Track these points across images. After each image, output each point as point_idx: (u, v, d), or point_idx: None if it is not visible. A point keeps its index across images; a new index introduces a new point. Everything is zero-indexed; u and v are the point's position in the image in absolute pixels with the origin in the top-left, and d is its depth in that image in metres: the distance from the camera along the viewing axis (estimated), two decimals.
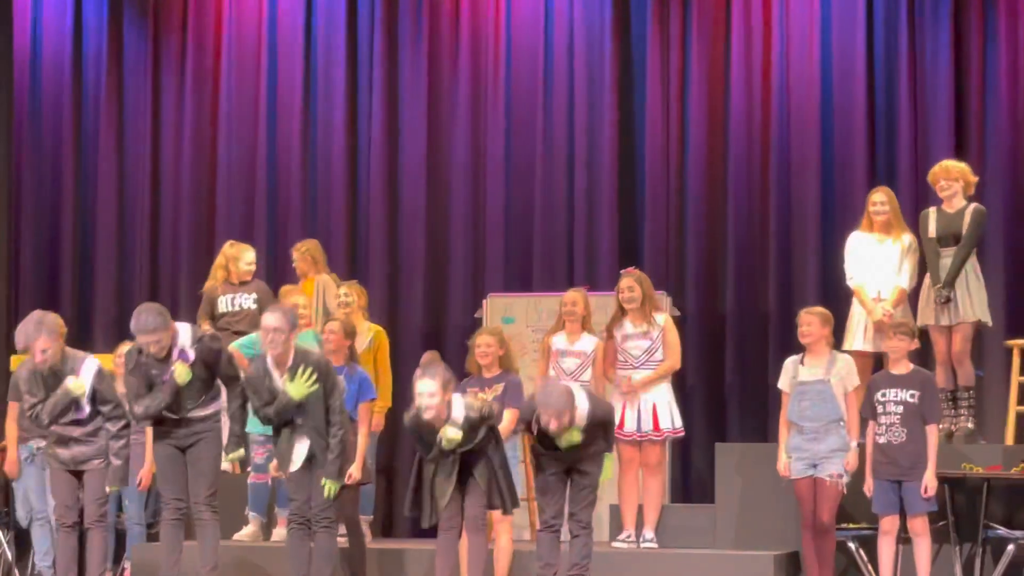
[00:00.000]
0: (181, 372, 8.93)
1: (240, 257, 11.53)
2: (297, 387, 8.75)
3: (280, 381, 8.85)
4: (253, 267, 11.55)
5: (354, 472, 9.33)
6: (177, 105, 13.95)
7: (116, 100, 14.03)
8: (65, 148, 14.06)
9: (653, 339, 10.11)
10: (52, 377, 9.23)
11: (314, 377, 8.76)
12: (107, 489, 9.39)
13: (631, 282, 10.18)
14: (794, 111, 12.57)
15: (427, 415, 8.56)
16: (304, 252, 11.67)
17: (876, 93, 12.45)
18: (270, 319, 8.88)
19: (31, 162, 14.10)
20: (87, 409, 9.25)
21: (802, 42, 12.57)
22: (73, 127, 14.08)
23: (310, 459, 8.88)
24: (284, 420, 8.90)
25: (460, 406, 8.66)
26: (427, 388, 8.57)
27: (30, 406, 9.25)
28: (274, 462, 9.54)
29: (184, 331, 9.13)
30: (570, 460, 8.71)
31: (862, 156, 12.36)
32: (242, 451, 9.27)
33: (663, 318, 10.26)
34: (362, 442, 9.46)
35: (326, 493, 8.80)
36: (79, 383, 9.17)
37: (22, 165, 14.06)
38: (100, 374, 9.32)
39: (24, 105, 14.06)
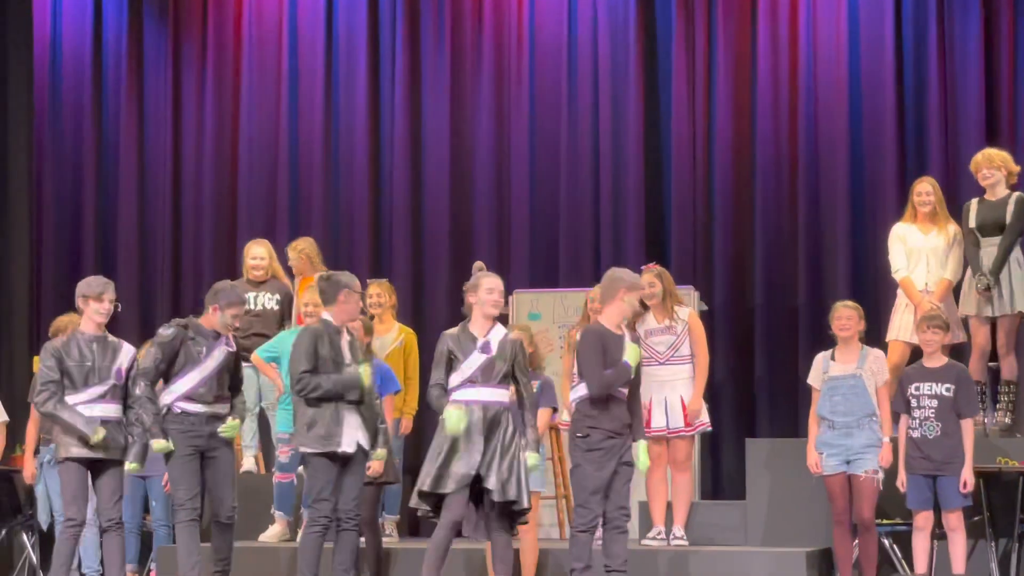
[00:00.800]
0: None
1: (247, 252, 11.53)
2: (368, 372, 8.83)
3: (347, 349, 8.87)
4: (259, 262, 11.41)
5: (375, 467, 9.23)
6: (197, 103, 13.93)
7: (136, 98, 14.00)
8: (86, 147, 14.03)
9: (677, 334, 10.00)
10: (100, 344, 9.28)
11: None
12: (127, 465, 9.30)
13: (651, 278, 10.06)
14: (822, 103, 12.51)
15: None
16: (300, 251, 11.54)
17: (905, 83, 12.37)
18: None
19: (52, 161, 14.09)
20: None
21: (830, 32, 12.50)
22: (93, 126, 14.04)
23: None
24: (331, 396, 8.79)
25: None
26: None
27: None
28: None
29: None
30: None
31: (891, 147, 12.27)
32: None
33: (686, 312, 10.16)
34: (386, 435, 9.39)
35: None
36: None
37: (43, 164, 14.04)
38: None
39: (45, 104, 14.03)
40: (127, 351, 9.41)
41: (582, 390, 8.67)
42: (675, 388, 9.85)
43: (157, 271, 13.81)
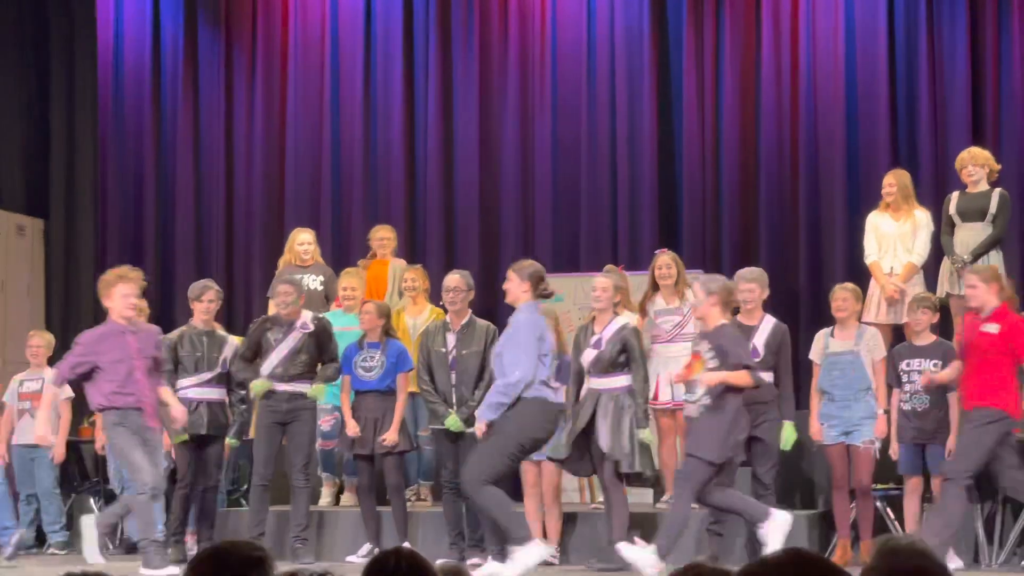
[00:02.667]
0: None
1: (294, 239, 11.64)
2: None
3: (453, 340, 9.44)
4: (306, 247, 11.53)
5: (390, 437, 9.59)
6: (248, 101, 14.02)
7: (192, 97, 14.11)
8: (146, 141, 14.14)
9: (684, 315, 10.06)
10: (208, 337, 10.04)
11: None
12: (227, 440, 10.09)
13: (669, 260, 10.19)
14: (820, 99, 12.53)
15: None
16: (383, 239, 11.73)
17: (897, 81, 12.39)
18: (454, 277, 9.63)
19: (115, 155, 14.18)
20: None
21: (827, 34, 12.53)
22: (153, 122, 14.15)
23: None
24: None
25: None
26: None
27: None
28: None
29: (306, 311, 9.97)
30: None
31: (885, 141, 12.31)
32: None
33: (691, 294, 10.23)
34: (400, 410, 9.72)
35: None
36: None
37: (107, 158, 14.14)
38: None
39: (108, 102, 14.14)
40: (231, 343, 10.07)
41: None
42: (680, 364, 9.60)
43: (212, 256, 13.94)
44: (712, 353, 8.52)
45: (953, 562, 9.12)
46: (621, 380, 9.09)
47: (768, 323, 9.36)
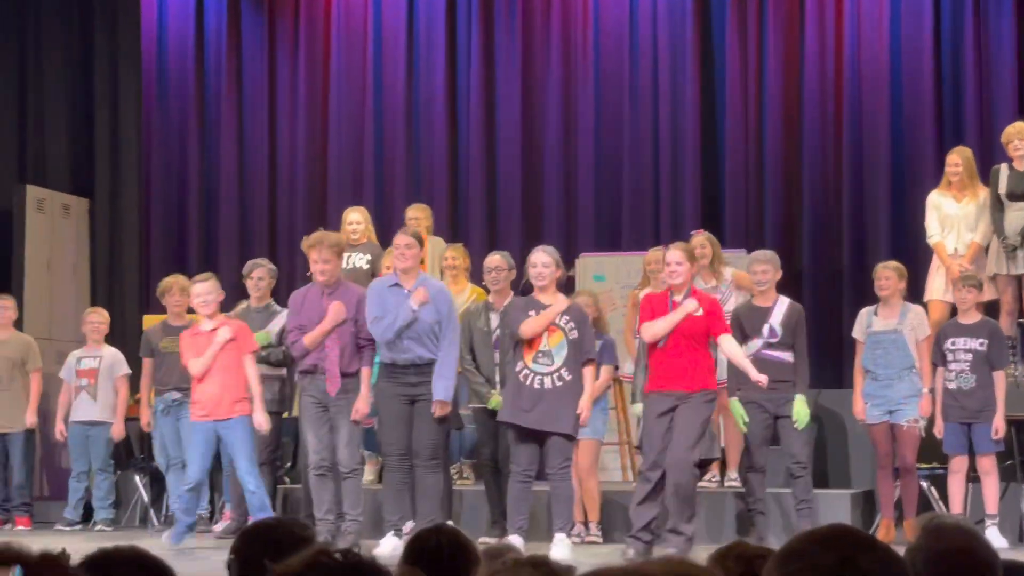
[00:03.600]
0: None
1: (343, 219, 11.61)
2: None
3: (496, 319, 9.39)
4: (355, 227, 11.42)
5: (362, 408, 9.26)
6: (291, 85, 14.03)
7: (236, 78, 14.13)
8: (190, 122, 14.18)
9: (722, 293, 10.03)
10: (261, 314, 10.05)
11: None
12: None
13: (703, 240, 10.17)
14: (865, 76, 12.45)
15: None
16: (413, 219, 11.71)
17: (943, 57, 12.31)
18: (495, 257, 9.64)
19: (159, 136, 14.24)
20: None
21: (872, 10, 12.44)
22: (197, 102, 14.19)
23: None
24: None
25: None
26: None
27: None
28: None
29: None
30: None
31: (930, 117, 12.23)
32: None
33: (730, 272, 10.22)
34: (367, 380, 9.34)
35: None
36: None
37: (151, 139, 14.19)
38: None
39: (152, 83, 14.19)
40: (281, 316, 10.00)
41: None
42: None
43: (255, 236, 13.94)
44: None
45: (998, 541, 9.07)
46: None
47: (783, 303, 9.32)
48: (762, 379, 8.68)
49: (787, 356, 9.13)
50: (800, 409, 9.11)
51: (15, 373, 11.54)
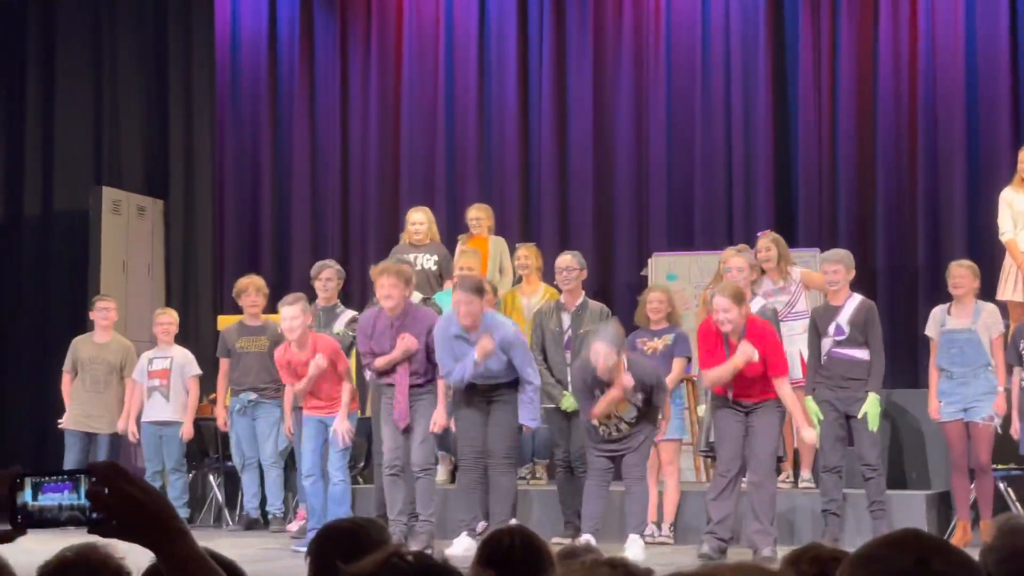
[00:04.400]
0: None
1: (408, 219, 11.60)
2: None
3: (568, 320, 9.59)
4: (418, 227, 11.35)
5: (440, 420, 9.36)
6: (363, 85, 14.10)
7: (308, 82, 14.22)
8: (262, 124, 14.29)
9: (791, 293, 10.02)
10: (326, 313, 10.17)
11: None
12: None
13: (767, 243, 10.14)
14: (939, 78, 12.38)
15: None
16: (475, 219, 11.73)
17: (1019, 60, 12.21)
18: (566, 257, 9.76)
19: (232, 139, 14.36)
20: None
21: (947, 13, 12.37)
22: (269, 104, 14.30)
23: None
24: None
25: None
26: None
27: None
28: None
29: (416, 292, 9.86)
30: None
31: (1006, 114, 12.14)
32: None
33: (797, 272, 10.18)
34: (442, 393, 9.45)
35: None
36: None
37: (224, 142, 14.32)
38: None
39: (225, 86, 14.30)
40: (345, 315, 10.21)
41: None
42: (794, 342, 9.69)
43: (328, 237, 14.02)
44: None
45: None
46: None
47: (853, 301, 9.30)
48: (809, 437, 8.83)
49: (859, 353, 9.11)
50: (871, 409, 9.06)
51: (111, 378, 11.50)
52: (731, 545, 8.74)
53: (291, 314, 9.45)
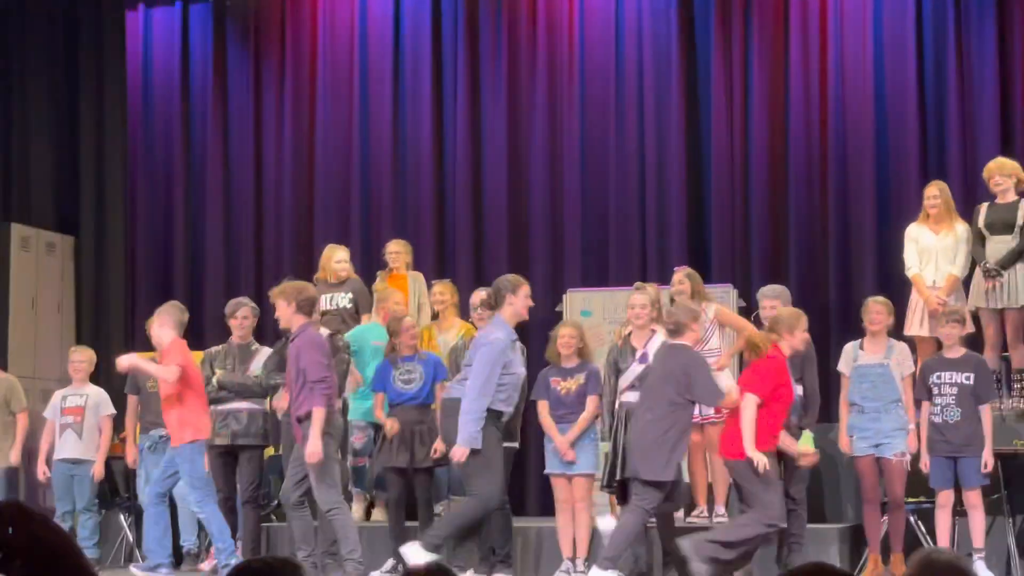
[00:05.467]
0: None
1: (331, 256, 11.58)
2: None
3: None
4: (343, 265, 11.47)
5: (441, 447, 9.54)
6: (277, 117, 14.06)
7: (221, 115, 14.16)
8: (176, 158, 14.20)
9: (705, 329, 9.96)
10: (242, 351, 10.14)
11: None
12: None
13: (681, 277, 10.14)
14: (849, 113, 12.49)
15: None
16: (394, 253, 11.71)
17: (926, 94, 12.36)
18: (480, 294, 9.83)
19: (145, 173, 14.27)
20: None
21: (856, 48, 12.50)
22: (182, 138, 14.21)
23: None
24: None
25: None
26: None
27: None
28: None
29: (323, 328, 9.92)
30: None
31: (914, 154, 12.27)
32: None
33: (712, 310, 10.16)
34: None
35: None
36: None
37: (136, 177, 14.22)
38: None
39: (137, 120, 14.22)
40: (262, 354, 10.14)
41: None
42: None
43: (241, 273, 13.95)
44: None
45: (985, 575, 9.05)
46: None
47: None
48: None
49: (795, 389, 9.09)
50: (805, 446, 9.08)
51: None
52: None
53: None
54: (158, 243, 14.19)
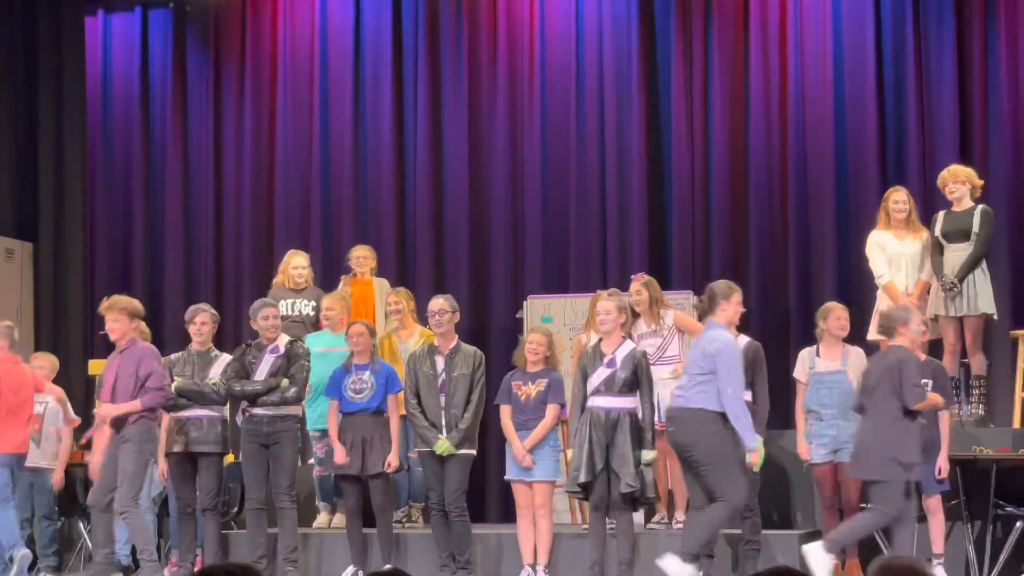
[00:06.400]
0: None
1: (289, 262, 11.56)
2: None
3: (442, 363, 9.50)
4: (300, 271, 11.47)
5: (394, 461, 9.64)
6: (237, 124, 14.05)
7: (181, 121, 14.13)
8: (135, 165, 14.17)
9: (664, 337, 10.03)
10: (201, 357, 10.02)
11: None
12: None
13: (638, 286, 10.14)
14: (808, 120, 12.57)
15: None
16: (359, 258, 11.68)
17: (886, 102, 12.43)
18: (438, 301, 9.65)
19: (104, 179, 14.25)
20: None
21: (815, 56, 12.58)
22: (142, 144, 14.18)
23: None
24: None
25: None
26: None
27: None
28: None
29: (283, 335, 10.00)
30: None
31: (873, 162, 12.34)
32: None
33: (670, 316, 10.17)
34: (396, 431, 9.73)
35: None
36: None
37: (95, 183, 14.19)
38: None
39: (96, 127, 14.20)
40: (220, 360, 10.04)
41: None
42: (666, 385, 9.69)
43: (201, 279, 13.94)
44: None
45: None
46: (629, 402, 9.07)
47: (740, 342, 9.28)
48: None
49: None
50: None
51: None
52: None
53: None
54: (117, 249, 14.14)
